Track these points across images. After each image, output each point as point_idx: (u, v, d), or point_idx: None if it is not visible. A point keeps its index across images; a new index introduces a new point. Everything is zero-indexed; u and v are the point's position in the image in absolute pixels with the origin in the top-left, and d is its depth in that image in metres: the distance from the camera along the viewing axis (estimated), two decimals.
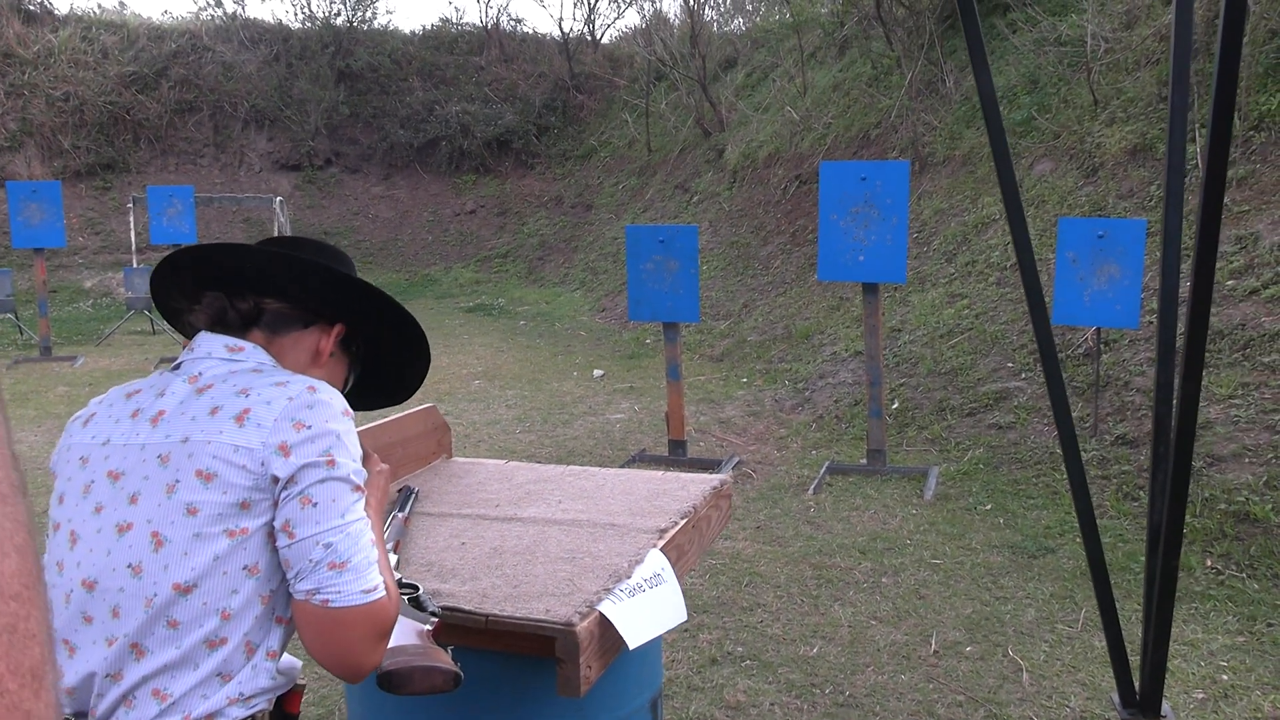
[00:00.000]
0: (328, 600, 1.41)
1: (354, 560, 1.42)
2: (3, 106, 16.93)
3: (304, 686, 1.64)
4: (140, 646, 1.41)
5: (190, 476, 1.42)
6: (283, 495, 1.42)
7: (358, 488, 1.47)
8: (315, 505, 1.41)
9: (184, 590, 1.41)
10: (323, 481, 1.42)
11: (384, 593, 1.46)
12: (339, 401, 1.50)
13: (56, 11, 18.62)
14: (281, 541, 1.43)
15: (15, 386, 9.22)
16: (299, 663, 1.61)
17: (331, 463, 1.43)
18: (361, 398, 1.89)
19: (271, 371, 1.54)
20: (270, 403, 1.45)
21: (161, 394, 1.53)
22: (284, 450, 1.42)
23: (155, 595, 1.41)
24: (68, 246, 14.23)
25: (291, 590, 1.44)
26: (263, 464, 1.41)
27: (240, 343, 1.58)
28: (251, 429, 1.42)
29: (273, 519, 1.44)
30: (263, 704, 1.49)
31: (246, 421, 1.43)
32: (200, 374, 1.54)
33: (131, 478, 1.46)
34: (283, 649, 1.52)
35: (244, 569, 1.43)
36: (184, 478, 1.42)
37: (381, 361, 1.85)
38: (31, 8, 18.20)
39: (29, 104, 17.08)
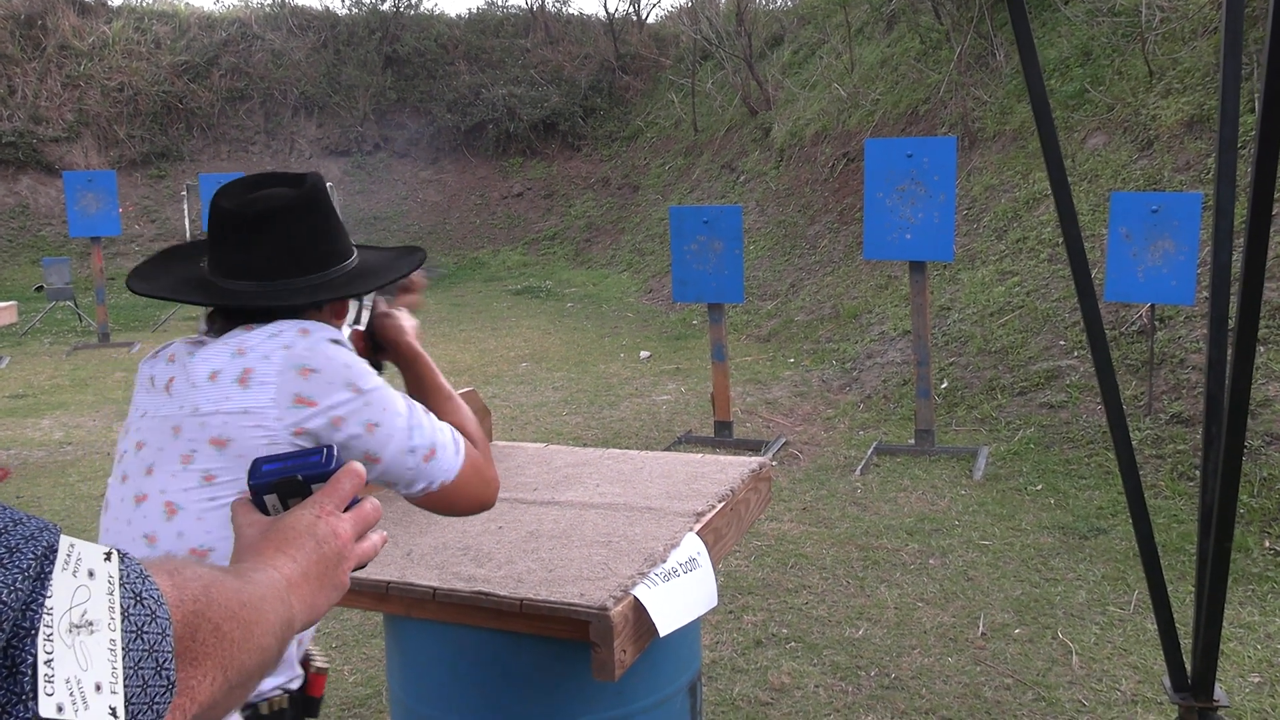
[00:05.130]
0: (443, 482, 1.54)
1: (436, 440, 1.54)
2: (60, 98, 17.26)
3: (326, 670, 1.66)
4: None
5: (205, 445, 1.44)
6: (340, 436, 1.46)
7: (384, 384, 1.54)
8: (379, 425, 1.48)
9: (200, 555, 1.44)
10: (367, 405, 1.47)
11: (463, 442, 1.59)
12: (329, 332, 1.52)
13: (110, 3, 18.91)
14: (373, 472, 1.48)
15: (75, 372, 9.43)
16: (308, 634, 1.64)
17: (357, 389, 1.47)
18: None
19: (273, 328, 1.51)
20: (269, 357, 1.45)
21: (171, 359, 1.55)
22: (303, 401, 1.44)
23: None
24: (124, 234, 14.50)
25: (408, 496, 1.55)
26: (278, 419, 1.43)
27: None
28: (257, 389, 1.43)
29: None
30: (289, 673, 1.55)
31: (251, 382, 1.44)
32: (211, 341, 1.53)
33: (149, 449, 1.49)
34: None
35: None
36: (200, 448, 1.44)
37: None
38: (87, 0, 18.50)
39: (85, 95, 17.39)
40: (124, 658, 0.56)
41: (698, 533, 2.06)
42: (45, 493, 5.80)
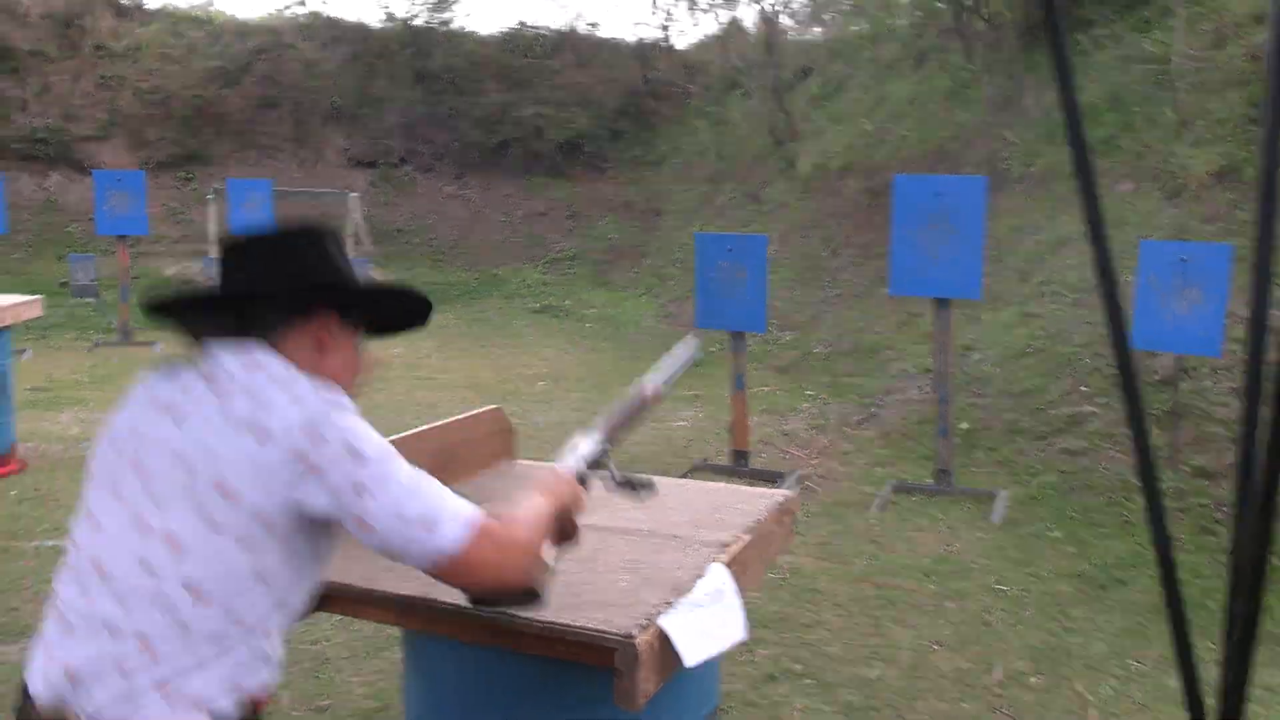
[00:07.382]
0: (450, 555, 1.52)
1: (435, 510, 1.52)
2: (93, 98, 17.41)
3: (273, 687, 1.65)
4: (148, 643, 1.45)
5: (211, 490, 1.47)
6: (336, 505, 1.50)
7: (386, 452, 1.54)
8: (370, 490, 1.49)
9: (196, 594, 1.46)
10: (363, 468, 1.49)
11: (479, 518, 1.55)
12: (345, 401, 1.57)
13: (147, 6, 19.11)
14: (368, 539, 1.51)
15: (95, 369, 9.47)
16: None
17: (356, 454, 1.49)
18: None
19: (286, 380, 1.55)
20: (285, 417, 1.49)
21: (187, 391, 1.58)
22: (305, 462, 1.48)
23: (169, 596, 1.46)
24: (150, 235, 14.58)
25: (422, 569, 1.54)
26: (284, 482, 1.48)
27: (254, 355, 1.58)
28: (271, 447, 1.47)
29: (295, 533, 1.52)
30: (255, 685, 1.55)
31: (267, 441, 1.48)
32: (220, 379, 1.56)
33: (160, 480, 1.51)
34: (276, 651, 1.59)
35: (255, 574, 1.49)
36: (209, 490, 1.47)
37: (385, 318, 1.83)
38: (124, 2, 18.70)
39: (118, 95, 17.53)
40: None
41: (724, 563, 2.03)
42: (61, 487, 5.81)
